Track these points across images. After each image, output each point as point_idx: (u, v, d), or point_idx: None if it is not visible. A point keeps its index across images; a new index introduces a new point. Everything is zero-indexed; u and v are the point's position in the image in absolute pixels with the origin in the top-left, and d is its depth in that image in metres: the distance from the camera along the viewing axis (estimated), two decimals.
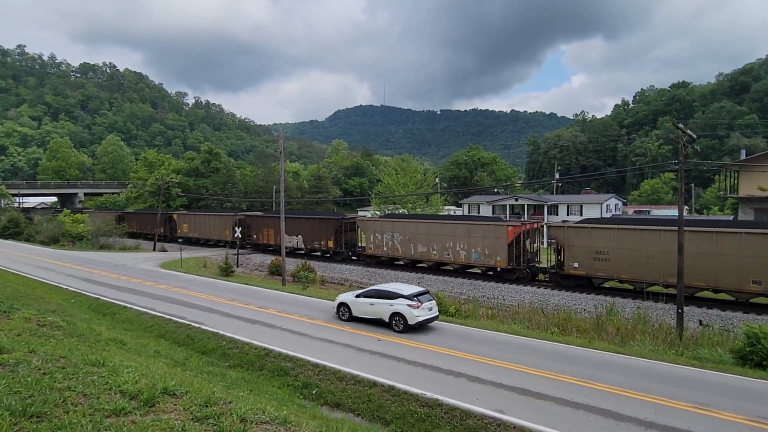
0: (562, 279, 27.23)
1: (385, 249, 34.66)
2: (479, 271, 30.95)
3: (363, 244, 37.79)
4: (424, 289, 18.55)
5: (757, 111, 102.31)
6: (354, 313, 17.95)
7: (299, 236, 40.19)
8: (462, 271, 31.52)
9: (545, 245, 39.26)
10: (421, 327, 16.65)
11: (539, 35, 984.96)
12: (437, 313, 17.45)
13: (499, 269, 29.24)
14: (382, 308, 17.20)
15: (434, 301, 17.72)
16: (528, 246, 29.78)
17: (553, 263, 28.81)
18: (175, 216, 54.62)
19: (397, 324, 16.70)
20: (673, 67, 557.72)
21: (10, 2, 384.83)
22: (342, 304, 18.36)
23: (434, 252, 31.85)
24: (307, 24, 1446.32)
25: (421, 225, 33.08)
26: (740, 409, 9.89)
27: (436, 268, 33.12)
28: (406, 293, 17.07)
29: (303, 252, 40.45)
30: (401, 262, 34.78)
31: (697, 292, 23.35)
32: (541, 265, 30.21)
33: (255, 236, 44.27)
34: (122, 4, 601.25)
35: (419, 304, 16.67)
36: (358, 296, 18.08)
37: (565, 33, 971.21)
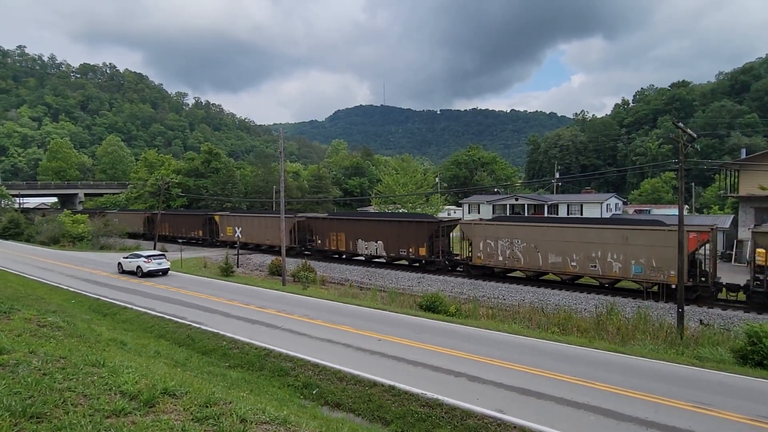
0: None
1: (500, 258, 28.76)
2: (638, 288, 24.56)
3: (460, 253, 32.05)
4: (159, 252, 31.85)
5: (758, 110, 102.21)
6: (124, 268, 29.76)
7: (379, 242, 34.51)
8: (610, 287, 25.82)
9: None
10: (152, 275, 28.26)
11: (539, 35, 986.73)
12: (167, 266, 29.25)
13: (674, 287, 22.81)
14: (134, 263, 29.07)
15: (165, 259, 29.59)
16: (702, 255, 23.79)
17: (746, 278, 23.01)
18: (217, 217, 47.87)
19: (138, 272, 28.57)
20: (673, 67, 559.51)
21: (10, 2, 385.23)
22: (119, 263, 30.41)
23: (573, 263, 25.98)
24: (307, 24, 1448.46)
25: (553, 230, 27.19)
26: (741, 409, 9.87)
27: (571, 282, 26.98)
28: (144, 255, 29.42)
29: (384, 260, 35.04)
30: (522, 275, 29.18)
31: None
32: (721, 281, 23.92)
33: (319, 241, 38.47)
34: (122, 4, 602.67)
35: (150, 260, 28.72)
36: (125, 258, 30.32)
37: (564, 32, 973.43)
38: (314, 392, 11.67)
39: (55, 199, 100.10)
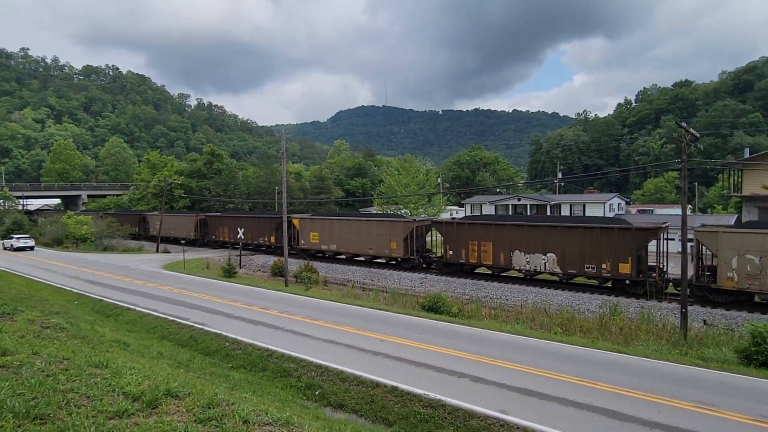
0: None
1: None
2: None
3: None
4: (26, 235, 47.37)
5: (761, 109, 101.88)
6: (4, 246, 45.36)
7: (549, 254, 26.65)
8: None
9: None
10: (22, 249, 44.17)
11: (539, 34, 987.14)
12: (32, 244, 45.50)
13: None
14: (9, 242, 44.85)
15: (30, 240, 45.96)
16: None
17: None
18: (296, 221, 40.24)
19: (11, 248, 44.04)
20: (674, 66, 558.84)
21: (12, 4, 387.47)
22: (2, 243, 45.91)
23: None
24: (309, 25, 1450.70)
25: None
26: (744, 409, 9.84)
27: None
28: (17, 236, 45.83)
29: (559, 278, 27.03)
30: None
31: None
32: None
33: (451, 252, 30.84)
34: (124, 6, 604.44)
35: (19, 240, 44.64)
36: (4, 240, 47.23)
37: (565, 32, 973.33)
38: (317, 393, 11.67)
39: (58, 201, 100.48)
